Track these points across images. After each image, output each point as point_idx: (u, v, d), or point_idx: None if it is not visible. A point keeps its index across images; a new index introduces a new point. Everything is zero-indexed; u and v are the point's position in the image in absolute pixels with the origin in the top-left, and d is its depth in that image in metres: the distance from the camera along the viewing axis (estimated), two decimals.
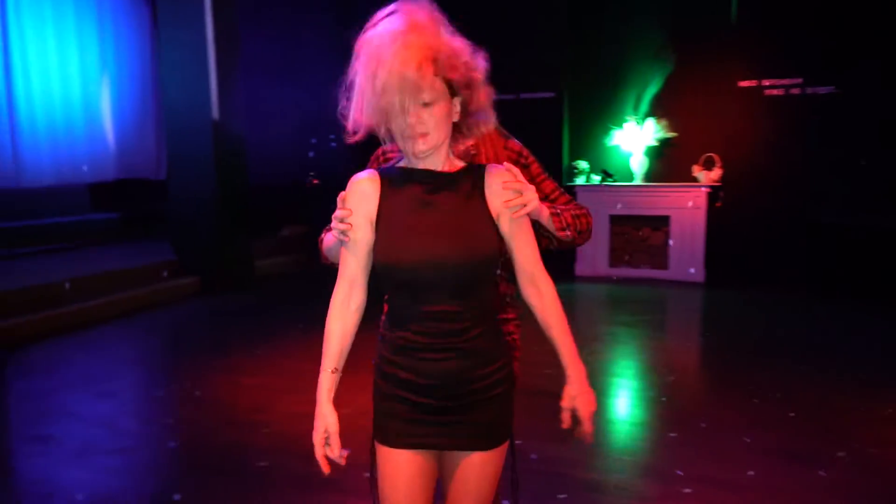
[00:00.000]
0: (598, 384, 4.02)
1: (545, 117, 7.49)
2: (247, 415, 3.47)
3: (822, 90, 6.47)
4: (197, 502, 2.63)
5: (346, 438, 1.39)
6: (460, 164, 1.42)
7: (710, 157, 6.98)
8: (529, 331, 1.72)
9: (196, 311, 6.15)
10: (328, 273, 1.53)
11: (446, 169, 1.39)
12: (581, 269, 7.51)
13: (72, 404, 3.71)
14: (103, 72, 9.13)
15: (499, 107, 6.17)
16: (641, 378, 4.24)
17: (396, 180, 1.38)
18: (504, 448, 1.48)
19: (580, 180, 7.42)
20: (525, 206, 1.39)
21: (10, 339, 4.86)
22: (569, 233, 1.60)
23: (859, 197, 6.44)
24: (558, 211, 1.59)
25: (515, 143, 1.71)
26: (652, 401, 3.80)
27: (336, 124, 1.41)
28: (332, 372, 1.41)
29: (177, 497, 2.63)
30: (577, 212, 1.66)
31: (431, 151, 1.34)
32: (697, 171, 7.01)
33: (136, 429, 3.34)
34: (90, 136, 9.01)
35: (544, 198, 1.66)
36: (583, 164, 7.46)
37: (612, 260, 7.49)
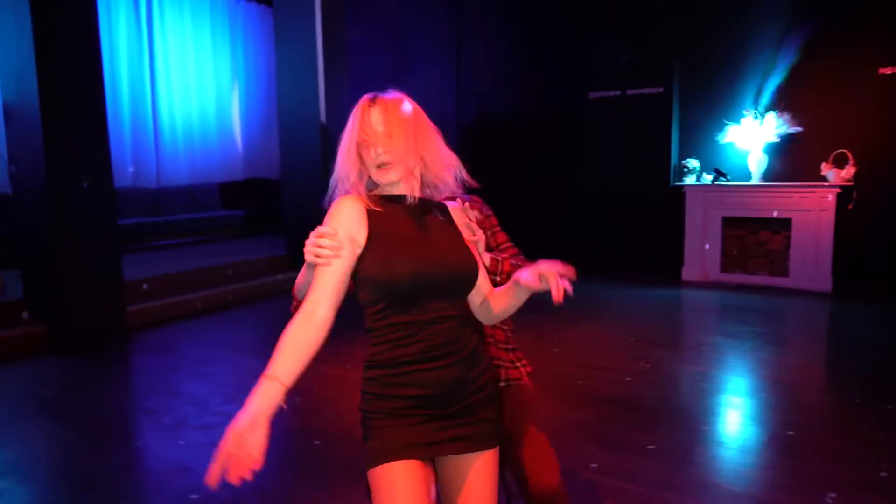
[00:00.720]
0: (698, 400, 3.77)
1: (652, 114, 7.12)
2: (321, 403, 3.64)
3: None
4: (258, 478, 2.81)
5: None
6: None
7: (843, 153, 6.27)
8: (604, 337, 1.68)
9: None
10: None
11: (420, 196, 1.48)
12: (688, 273, 7.06)
13: (175, 383, 4.09)
14: (234, 81, 9.97)
15: (602, 104, 6.09)
16: (751, 397, 3.89)
17: (379, 203, 1.44)
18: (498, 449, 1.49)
19: (689, 180, 6.98)
20: (479, 242, 1.60)
21: (140, 321, 5.48)
22: (498, 279, 1.72)
23: None
24: (499, 259, 1.78)
25: (477, 199, 1.91)
26: (763, 424, 3.48)
27: (439, 126, 1.50)
28: (273, 379, 1.27)
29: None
30: (517, 261, 1.81)
31: (399, 181, 1.43)
32: (827, 170, 6.32)
33: (222, 408, 3.62)
34: (221, 140, 9.88)
35: (496, 246, 1.89)
36: (693, 163, 7.01)
37: (724, 265, 6.97)
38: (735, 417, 3.53)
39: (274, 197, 10.25)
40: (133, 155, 8.68)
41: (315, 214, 5.91)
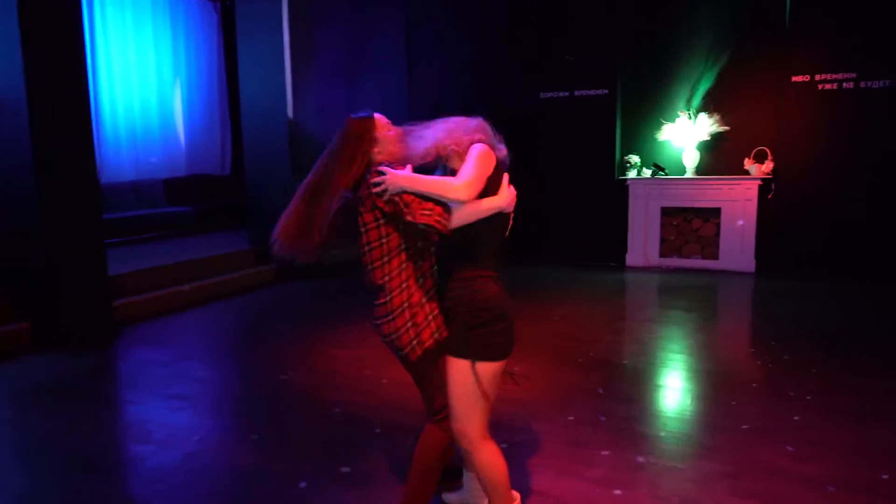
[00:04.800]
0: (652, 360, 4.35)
1: (598, 113, 7.80)
2: (324, 391, 3.90)
3: (876, 84, 6.62)
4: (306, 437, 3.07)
5: None
6: None
7: (762, 150, 7.19)
8: (578, 314, 2.08)
9: (279, 295, 6.62)
10: None
11: None
12: (632, 259, 7.79)
13: (195, 370, 4.20)
14: (176, 77, 9.75)
15: (553, 104, 6.80)
16: (679, 353, 4.53)
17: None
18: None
19: (631, 174, 7.70)
20: None
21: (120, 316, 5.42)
22: None
23: None
24: None
25: None
26: (702, 374, 4.10)
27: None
28: None
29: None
30: None
31: None
32: (749, 165, 7.22)
33: (255, 392, 3.80)
34: (164, 136, 9.65)
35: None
36: (634, 159, 7.73)
37: (663, 250, 7.75)
38: (678, 369, 4.15)
39: (221, 193, 10.14)
40: None
41: (282, 209, 6.16)
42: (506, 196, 2.04)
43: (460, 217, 1.98)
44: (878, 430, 3.12)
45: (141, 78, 9.22)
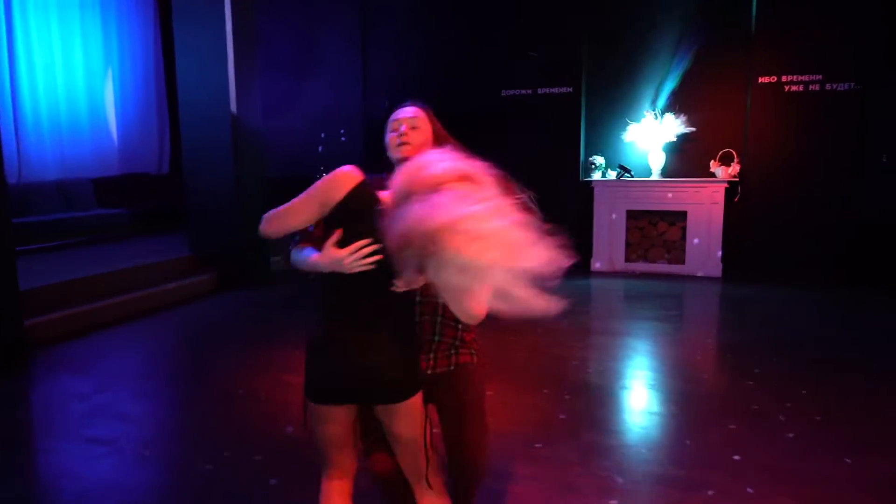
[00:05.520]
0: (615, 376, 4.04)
1: (562, 112, 7.49)
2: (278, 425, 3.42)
3: (842, 87, 6.53)
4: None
5: None
6: None
7: (728, 152, 7.03)
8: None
9: (221, 307, 6.04)
10: None
11: None
12: (597, 264, 7.53)
13: (120, 404, 3.63)
14: (107, 67, 8.96)
15: (515, 102, 6.34)
16: (659, 371, 4.25)
17: None
18: None
19: (596, 175, 7.43)
20: None
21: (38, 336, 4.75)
22: None
23: (880, 193, 6.53)
24: None
25: None
26: (672, 392, 3.81)
27: (346, 119, 1.48)
28: None
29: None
30: None
31: None
32: (715, 167, 7.05)
33: (191, 431, 3.27)
34: (94, 131, 8.85)
35: None
36: (599, 160, 7.47)
37: (628, 255, 7.52)
38: (660, 391, 3.86)
39: (158, 193, 9.39)
40: None
41: (224, 211, 5.58)
42: (340, 255, 1.68)
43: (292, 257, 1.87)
44: (875, 461, 2.87)
45: (67, 68, 8.40)
